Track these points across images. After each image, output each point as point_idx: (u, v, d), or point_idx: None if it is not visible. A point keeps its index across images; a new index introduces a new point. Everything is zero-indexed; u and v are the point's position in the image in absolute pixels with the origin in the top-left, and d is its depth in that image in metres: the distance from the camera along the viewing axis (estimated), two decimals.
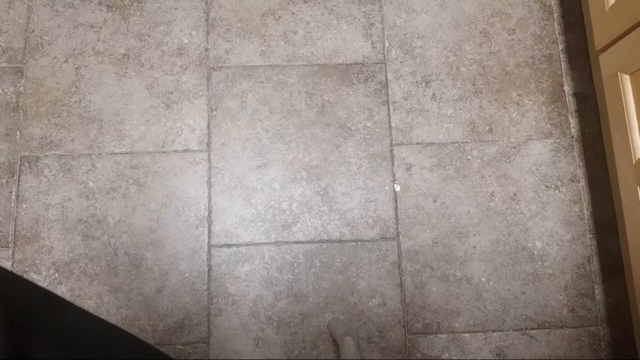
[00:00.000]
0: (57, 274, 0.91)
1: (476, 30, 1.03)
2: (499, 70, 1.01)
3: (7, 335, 0.33)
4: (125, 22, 1.01)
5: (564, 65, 1.02)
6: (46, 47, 0.99)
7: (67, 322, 0.41)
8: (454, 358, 0.91)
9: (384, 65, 1.01)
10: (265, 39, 1.01)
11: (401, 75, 1.01)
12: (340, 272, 0.93)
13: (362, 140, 0.98)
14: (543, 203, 0.96)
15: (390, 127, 0.99)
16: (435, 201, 0.96)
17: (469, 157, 0.98)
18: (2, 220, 0.93)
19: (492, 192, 0.96)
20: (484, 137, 0.98)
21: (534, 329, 0.92)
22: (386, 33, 1.03)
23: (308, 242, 0.94)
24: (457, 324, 0.92)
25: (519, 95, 1.00)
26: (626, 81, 0.84)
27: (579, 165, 0.98)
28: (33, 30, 1.00)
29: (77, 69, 0.99)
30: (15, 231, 0.92)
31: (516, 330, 0.92)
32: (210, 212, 0.94)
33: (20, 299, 0.38)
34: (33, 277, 0.91)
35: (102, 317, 0.89)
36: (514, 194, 0.96)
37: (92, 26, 1.01)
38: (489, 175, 0.97)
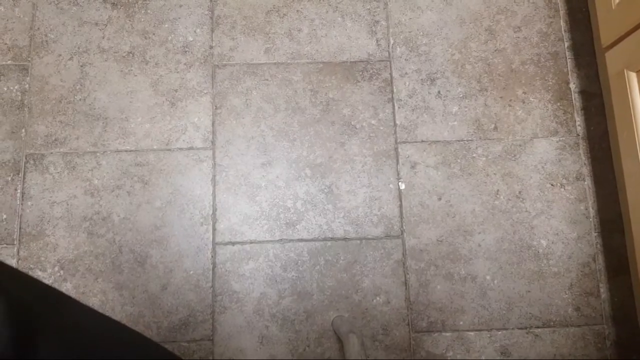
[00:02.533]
0: (62, 272, 0.91)
1: (481, 28, 1.03)
2: (505, 67, 1.01)
3: (14, 333, 0.33)
4: (130, 20, 1.01)
5: (569, 63, 1.01)
6: (51, 44, 0.99)
7: (74, 321, 0.41)
8: (458, 356, 0.90)
9: (388, 62, 1.01)
10: (269, 37, 1.01)
11: (406, 73, 1.00)
12: (344, 270, 0.93)
13: (366, 138, 0.98)
14: (548, 201, 0.96)
15: (395, 124, 0.98)
16: (440, 199, 0.96)
17: (474, 155, 0.97)
18: (8, 218, 0.93)
19: (497, 190, 0.96)
20: (489, 135, 0.98)
21: (538, 327, 0.92)
22: (391, 30, 1.02)
23: (312, 240, 0.94)
24: (461, 322, 0.91)
25: (525, 93, 1.00)
26: (633, 79, 0.83)
27: (585, 164, 0.97)
28: (38, 28, 1.00)
29: (82, 66, 0.99)
30: (20, 228, 0.93)
31: (521, 328, 0.91)
32: (214, 210, 0.94)
33: (27, 297, 0.38)
34: (38, 274, 0.91)
35: (107, 314, 0.89)
36: (519, 192, 0.96)
37: (97, 24, 1.01)
38: (494, 174, 0.97)
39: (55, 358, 0.36)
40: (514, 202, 0.96)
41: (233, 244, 0.93)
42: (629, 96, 0.83)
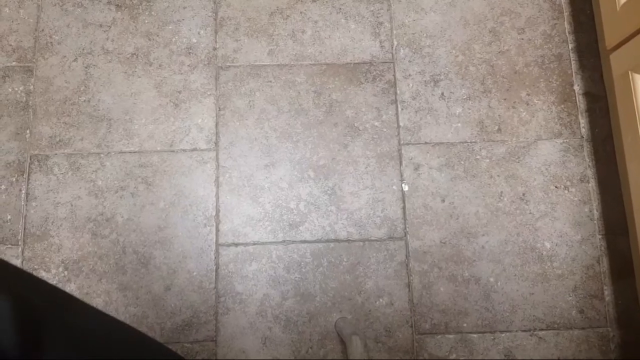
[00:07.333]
0: (66, 272, 0.92)
1: (485, 29, 1.03)
2: (508, 69, 1.01)
3: (20, 333, 0.34)
4: (134, 22, 1.01)
5: (574, 65, 1.01)
6: (56, 46, 1.00)
7: (80, 321, 0.41)
8: (461, 359, 0.90)
9: (392, 64, 1.01)
10: (273, 38, 1.01)
11: (409, 75, 1.00)
12: (347, 271, 0.93)
13: (370, 139, 0.98)
14: (552, 203, 0.95)
15: (399, 126, 0.98)
16: (443, 201, 0.95)
17: (478, 157, 0.97)
18: (12, 219, 0.93)
19: (501, 192, 0.96)
20: (492, 137, 0.98)
21: (542, 329, 0.91)
22: (395, 32, 1.02)
23: (315, 241, 0.94)
24: (465, 325, 0.91)
25: (529, 94, 1.00)
26: (637, 81, 0.83)
27: (589, 166, 0.97)
28: (43, 30, 1.01)
29: (86, 68, 0.99)
30: (24, 229, 0.93)
31: (524, 331, 0.91)
32: (218, 211, 0.94)
33: (34, 297, 0.39)
34: (42, 275, 0.92)
35: (111, 315, 0.90)
36: (523, 194, 0.96)
37: (101, 25, 1.01)
38: (498, 175, 0.97)
39: (62, 358, 0.36)
40: (517, 204, 0.95)
41: (236, 245, 0.93)
42: (634, 98, 0.83)
